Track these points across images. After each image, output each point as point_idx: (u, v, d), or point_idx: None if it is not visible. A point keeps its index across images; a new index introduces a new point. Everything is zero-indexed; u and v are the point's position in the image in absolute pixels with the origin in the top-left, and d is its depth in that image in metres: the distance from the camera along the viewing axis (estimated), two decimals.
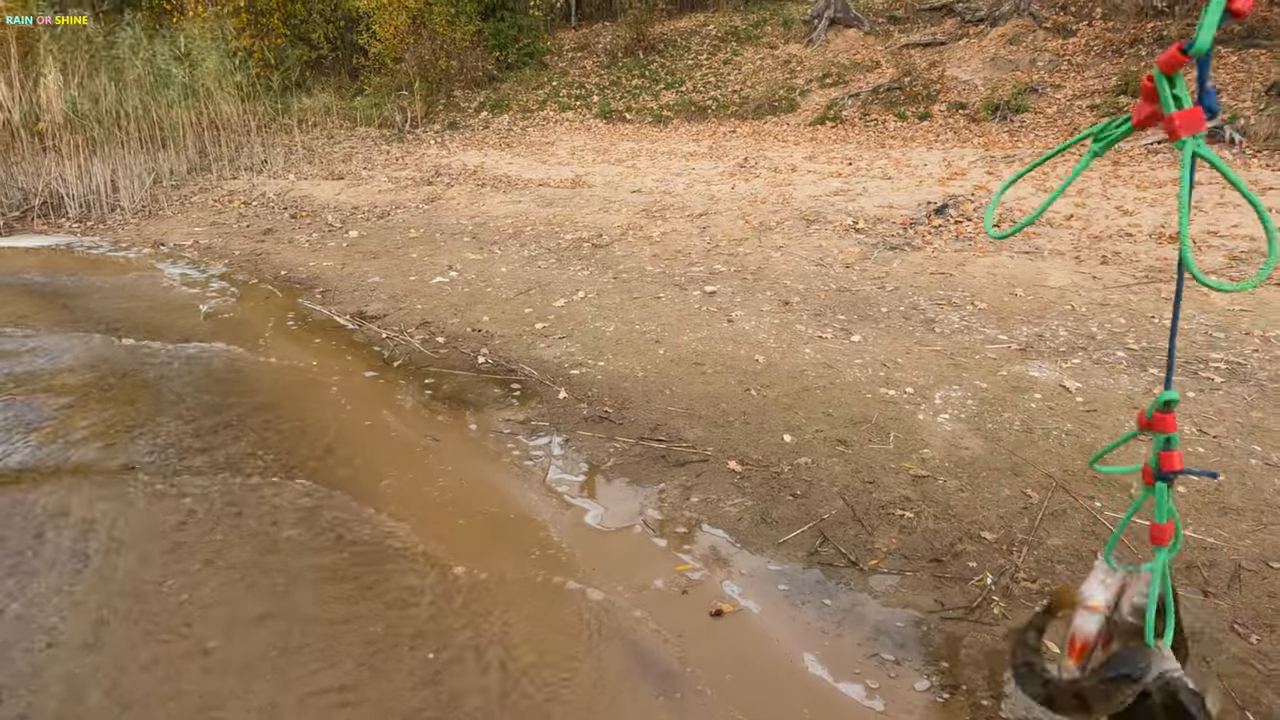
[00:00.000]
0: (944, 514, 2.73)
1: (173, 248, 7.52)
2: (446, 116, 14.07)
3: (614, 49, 15.87)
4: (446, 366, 4.28)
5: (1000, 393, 3.65)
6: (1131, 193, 6.88)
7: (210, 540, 2.63)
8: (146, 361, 4.32)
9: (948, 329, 4.49)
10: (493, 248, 6.76)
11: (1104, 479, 2.91)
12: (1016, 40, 11.46)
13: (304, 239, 7.55)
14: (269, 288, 6.04)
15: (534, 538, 2.66)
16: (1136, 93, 9.17)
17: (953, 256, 5.78)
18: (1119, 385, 3.69)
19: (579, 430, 3.48)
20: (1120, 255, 5.55)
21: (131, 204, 8.99)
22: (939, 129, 10.20)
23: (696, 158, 10.05)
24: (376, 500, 2.91)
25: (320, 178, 10.25)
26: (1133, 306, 4.66)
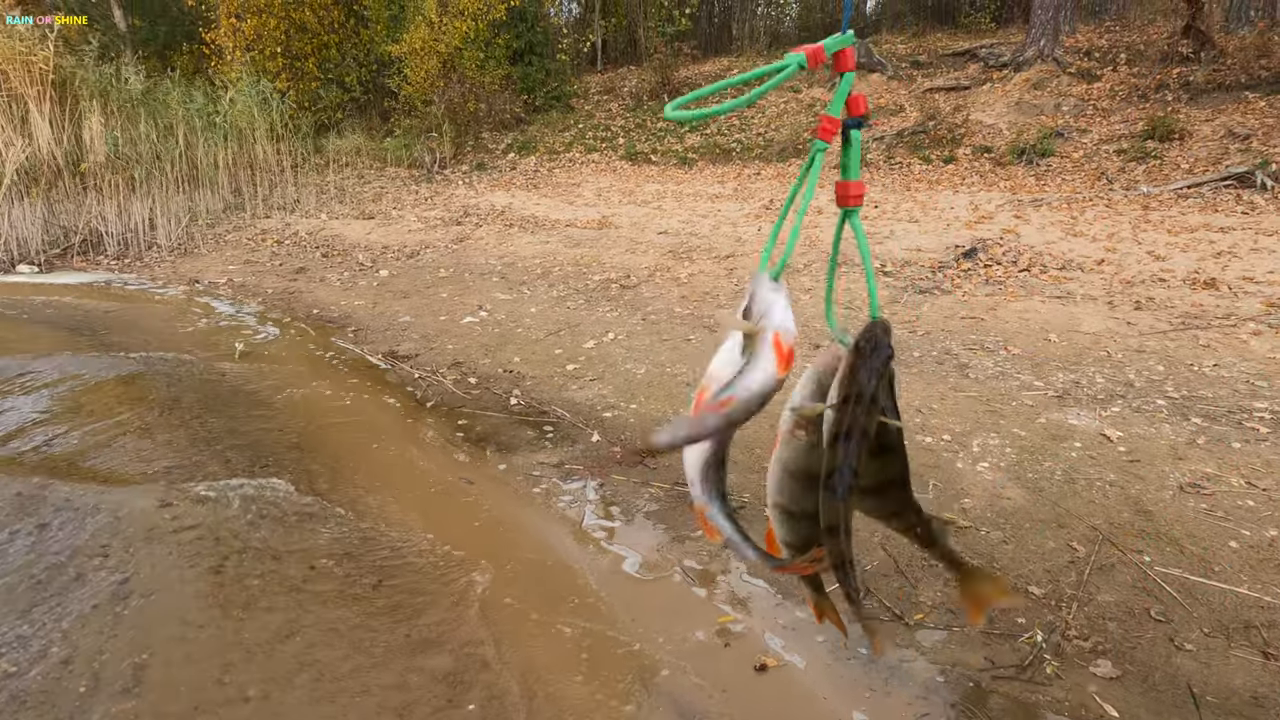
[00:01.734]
0: (989, 567, 2.67)
1: (207, 285, 7.65)
2: (475, 158, 14.32)
3: (639, 92, 16.14)
4: (479, 408, 4.30)
5: (1040, 441, 3.60)
6: (1163, 238, 6.84)
7: (247, 585, 2.63)
8: (181, 399, 4.36)
9: (982, 374, 4.45)
10: (522, 288, 6.82)
11: (1151, 532, 2.84)
12: (1041, 85, 11.53)
13: (335, 278, 7.66)
14: (302, 326, 6.11)
15: (571, 585, 2.63)
16: (1163, 137, 9.19)
17: (983, 300, 5.75)
18: (1161, 434, 3.63)
19: (614, 475, 3.46)
20: (1154, 301, 5.50)
21: (168, 242, 9.19)
22: (964, 172, 10.23)
23: (722, 199, 10.13)
24: (412, 546, 2.90)
25: (351, 217, 10.43)
26: (1170, 353, 4.60)
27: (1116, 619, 2.40)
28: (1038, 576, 2.62)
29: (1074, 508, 3.03)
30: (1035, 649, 2.29)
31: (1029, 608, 2.46)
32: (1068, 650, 2.29)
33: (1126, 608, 2.44)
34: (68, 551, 2.80)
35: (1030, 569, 2.66)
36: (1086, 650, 2.28)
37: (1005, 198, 8.72)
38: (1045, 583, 2.58)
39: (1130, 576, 2.60)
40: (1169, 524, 2.89)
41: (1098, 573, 2.62)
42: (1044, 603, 2.48)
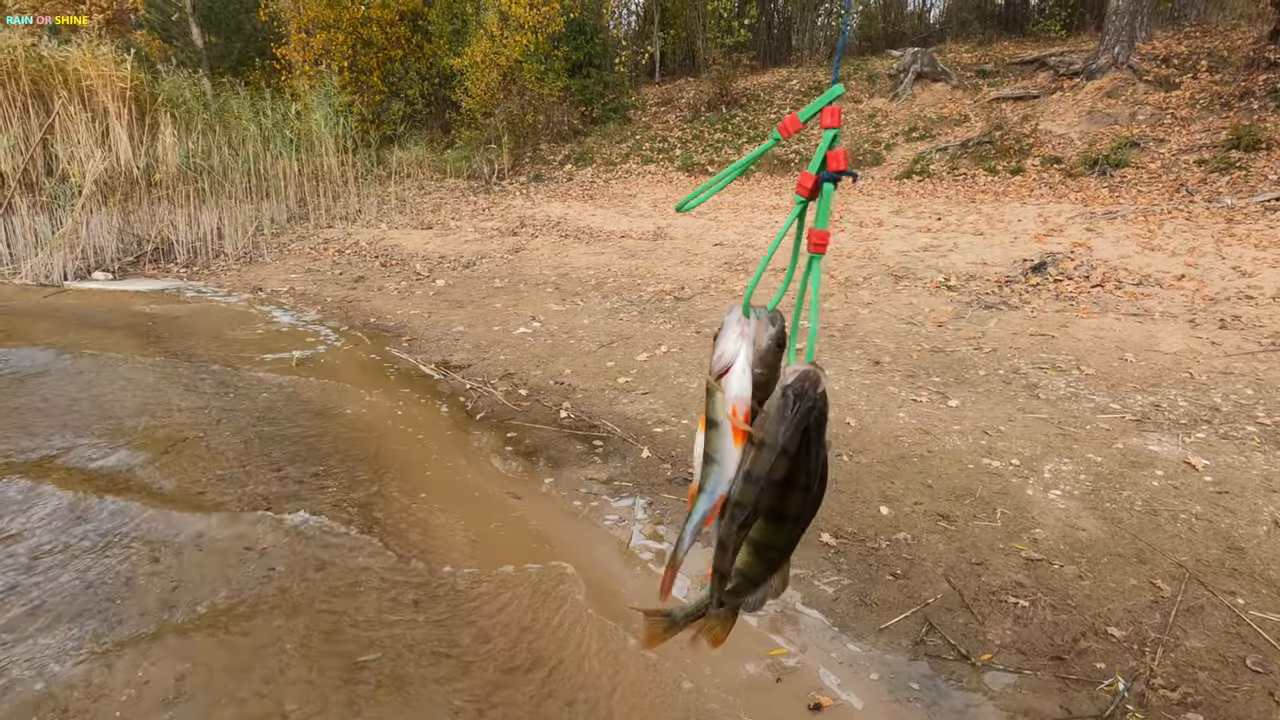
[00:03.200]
0: (1063, 604, 2.49)
1: (270, 293, 7.81)
2: (532, 169, 14.43)
3: (697, 103, 16.07)
4: (529, 420, 4.24)
5: (1117, 468, 3.38)
6: (1250, 252, 6.46)
7: (290, 596, 2.60)
8: (237, 408, 4.42)
9: (1053, 395, 4.23)
10: (575, 299, 6.78)
11: (1244, 572, 2.62)
12: (1115, 94, 11.08)
13: (393, 287, 7.75)
14: (358, 335, 6.17)
15: (618, 610, 2.54)
16: (1249, 147, 8.73)
17: (1054, 317, 5.50)
18: (1252, 464, 3.37)
19: (662, 493, 3.36)
20: (1241, 319, 5.17)
21: (234, 250, 9.44)
22: (1033, 184, 9.87)
23: (779, 211, 9.98)
24: (455, 562, 2.84)
25: (410, 227, 10.57)
26: (1260, 376, 4.31)
27: (1208, 668, 2.20)
28: (1118, 617, 2.43)
29: (1157, 542, 2.82)
30: (1117, 698, 2.11)
31: (1109, 651, 2.28)
32: (1153, 701, 2.10)
33: (1219, 655, 2.24)
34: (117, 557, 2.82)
35: (1109, 608, 2.47)
36: (1174, 702, 2.09)
37: (1076, 210, 8.38)
38: (1126, 624, 2.39)
39: (1222, 620, 2.39)
40: (1264, 563, 2.66)
41: (1185, 615, 2.42)
42: (1125, 646, 2.30)
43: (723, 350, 1.10)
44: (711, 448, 1.08)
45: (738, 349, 1.09)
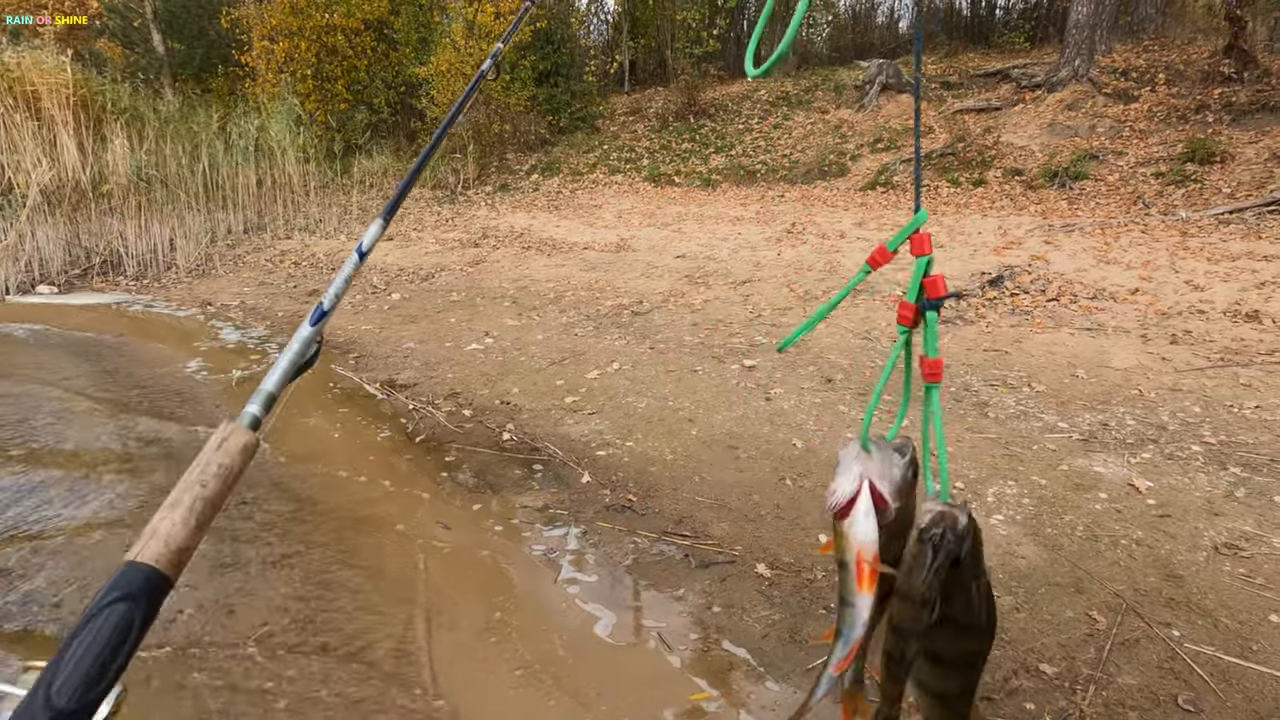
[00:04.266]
0: (997, 640, 2.42)
1: (219, 307, 7.62)
2: (498, 179, 14.31)
3: (665, 113, 16.05)
4: (469, 443, 4.13)
5: (1061, 491, 3.33)
6: (1202, 266, 6.49)
7: (198, 641, 2.47)
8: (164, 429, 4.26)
9: (1003, 414, 4.18)
10: (532, 313, 6.67)
11: (1181, 601, 2.57)
12: (1075, 106, 11.19)
13: (346, 301, 7.59)
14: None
15: (537, 650, 2.43)
16: (1203, 160, 8.82)
17: (1009, 332, 5.48)
18: (1196, 485, 3.34)
19: (598, 521, 3.26)
20: (1192, 334, 5.18)
21: (186, 263, 9.22)
22: (994, 196, 9.92)
23: (743, 222, 9.94)
24: (373, 595, 2.72)
25: None
26: (1208, 393, 4.30)
27: (1139, 707, 2.13)
28: (1051, 652, 2.36)
29: (1096, 570, 2.76)
30: None
31: (1040, 690, 2.21)
32: None
33: (1151, 693, 2.18)
34: None
35: (1044, 642, 2.40)
36: None
37: (1035, 222, 8.41)
38: (1060, 660, 2.32)
39: (1157, 654, 2.33)
40: (1201, 592, 2.61)
41: (1119, 649, 2.36)
42: (1057, 684, 2.23)
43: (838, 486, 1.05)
44: (844, 589, 1.04)
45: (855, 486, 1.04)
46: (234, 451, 0.78)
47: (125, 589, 0.63)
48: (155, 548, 0.67)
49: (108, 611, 0.61)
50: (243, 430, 0.79)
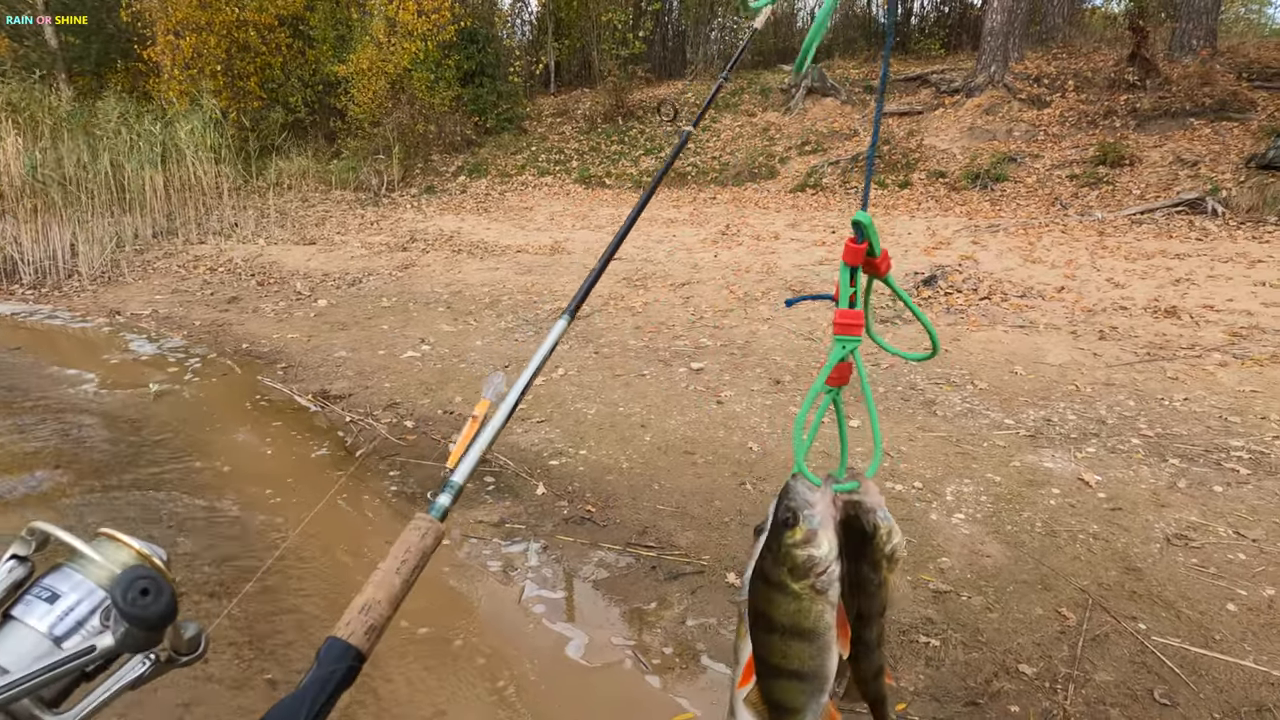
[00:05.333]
0: (974, 641, 2.41)
1: (129, 317, 7.15)
2: (424, 180, 13.94)
3: (593, 115, 15.93)
4: (414, 456, 3.94)
5: (1016, 487, 3.38)
6: (1121, 264, 6.77)
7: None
8: (80, 450, 3.93)
9: (950, 412, 4.24)
10: (468, 318, 6.47)
11: (1143, 594, 2.61)
12: (992, 110, 11.59)
13: (270, 308, 7.23)
14: (228, 363, 5.68)
15: (509, 675, 2.30)
16: (1114, 163, 9.23)
17: (946, 331, 5.58)
18: (1140, 478, 3.43)
19: (558, 534, 3.14)
20: (1118, 330, 5.37)
21: (90, 270, 8.63)
22: (920, 197, 10.17)
23: (677, 224, 9.92)
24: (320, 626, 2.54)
25: (291, 243, 9.97)
26: (1139, 387, 4.45)
27: (1119, 704, 2.14)
28: (1028, 652, 2.36)
29: (1059, 565, 2.79)
30: None
31: (1022, 691, 2.20)
32: None
33: (1128, 689, 2.19)
34: None
35: (1019, 642, 2.40)
36: None
37: (962, 223, 8.65)
38: (1037, 659, 2.33)
39: (1127, 649, 2.35)
40: (1160, 584, 2.67)
41: (1092, 645, 2.38)
42: (1038, 685, 2.22)
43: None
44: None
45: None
46: (430, 541, 0.86)
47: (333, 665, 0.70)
48: (360, 629, 0.74)
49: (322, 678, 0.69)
50: (436, 523, 0.88)
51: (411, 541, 0.84)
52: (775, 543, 0.90)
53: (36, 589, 0.64)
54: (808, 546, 0.87)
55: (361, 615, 0.75)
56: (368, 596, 0.77)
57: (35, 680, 0.59)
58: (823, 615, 0.88)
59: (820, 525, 0.89)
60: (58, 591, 0.63)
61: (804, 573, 0.87)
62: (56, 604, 0.63)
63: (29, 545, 0.67)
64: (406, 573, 0.82)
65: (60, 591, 0.64)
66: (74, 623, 0.63)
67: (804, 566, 0.87)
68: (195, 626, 0.68)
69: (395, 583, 0.80)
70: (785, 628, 0.89)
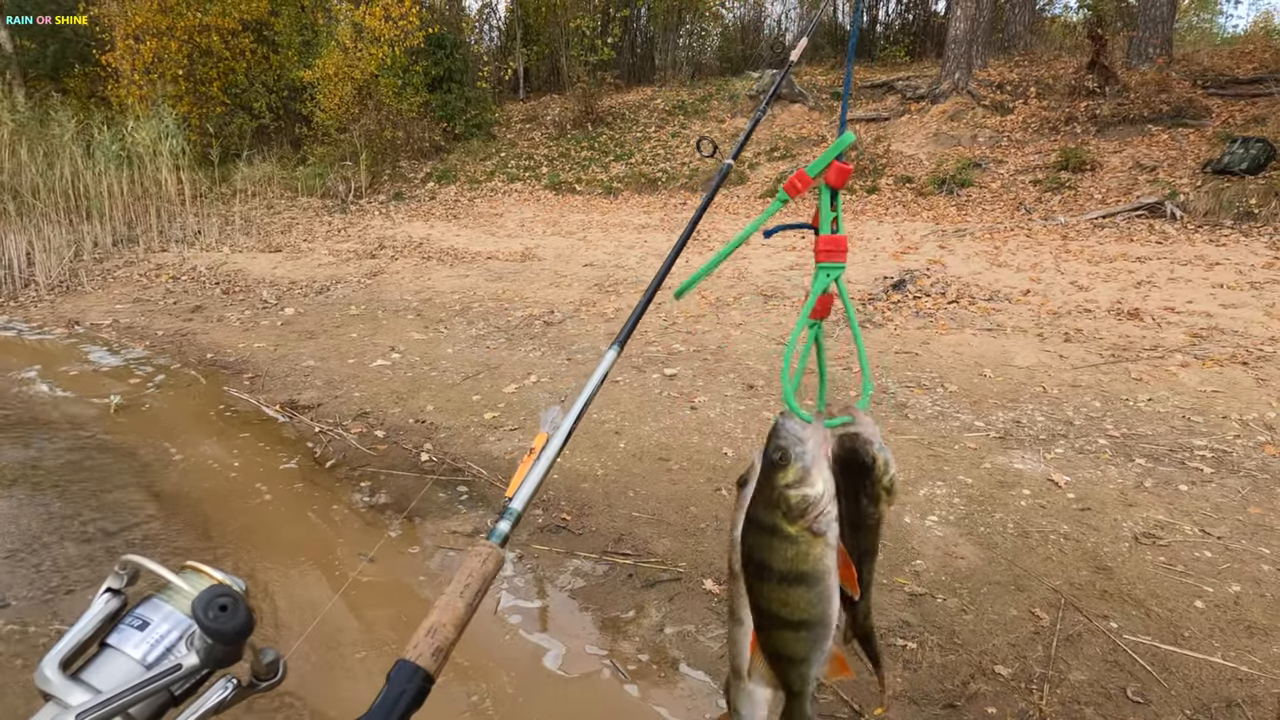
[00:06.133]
0: (950, 643, 2.42)
1: (89, 327, 6.98)
2: (392, 187, 13.81)
3: (563, 121, 15.91)
4: (386, 466, 3.88)
5: (987, 489, 3.41)
6: (1084, 268, 6.90)
7: None
8: (38, 467, 3.82)
9: (921, 415, 4.27)
10: (439, 326, 6.41)
11: (1113, 593, 2.65)
12: (957, 117, 11.76)
13: (235, 317, 7.10)
14: (193, 373, 5.57)
15: (485, 688, 2.26)
16: (1076, 168, 9.41)
17: (916, 334, 5.63)
18: (1108, 478, 3.48)
19: (534, 544, 3.11)
20: (1083, 332, 5.47)
21: (48, 279, 8.42)
22: (888, 202, 10.29)
23: (648, 230, 9.93)
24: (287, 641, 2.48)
25: (256, 250, 9.81)
26: (1105, 388, 4.52)
27: (1093, 703, 2.16)
28: (1003, 653, 2.38)
29: (1031, 566, 2.82)
30: None
31: (999, 693, 2.21)
32: None
33: (1101, 688, 2.22)
34: None
35: (995, 643, 2.42)
36: None
37: (929, 228, 8.76)
38: (1012, 660, 2.34)
39: (1100, 648, 2.38)
40: (1130, 582, 2.71)
41: (1065, 645, 2.40)
42: (1014, 686, 2.24)
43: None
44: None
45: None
46: (491, 566, 0.90)
47: (403, 685, 0.73)
48: (427, 651, 0.77)
49: (393, 699, 0.72)
50: (497, 548, 0.92)
51: (474, 567, 0.88)
52: (767, 485, 0.88)
53: (129, 618, 0.69)
54: (801, 486, 0.86)
55: (428, 638, 0.78)
56: (434, 620, 0.81)
57: (125, 699, 0.62)
58: (822, 558, 0.86)
59: (813, 463, 0.87)
60: (148, 620, 0.68)
61: (799, 514, 0.86)
62: (147, 631, 0.68)
63: (122, 579, 0.72)
64: (470, 596, 0.85)
65: (150, 620, 0.68)
66: (164, 648, 0.67)
67: (799, 508, 0.85)
68: (273, 652, 0.72)
69: (459, 606, 0.83)
70: (784, 574, 0.87)
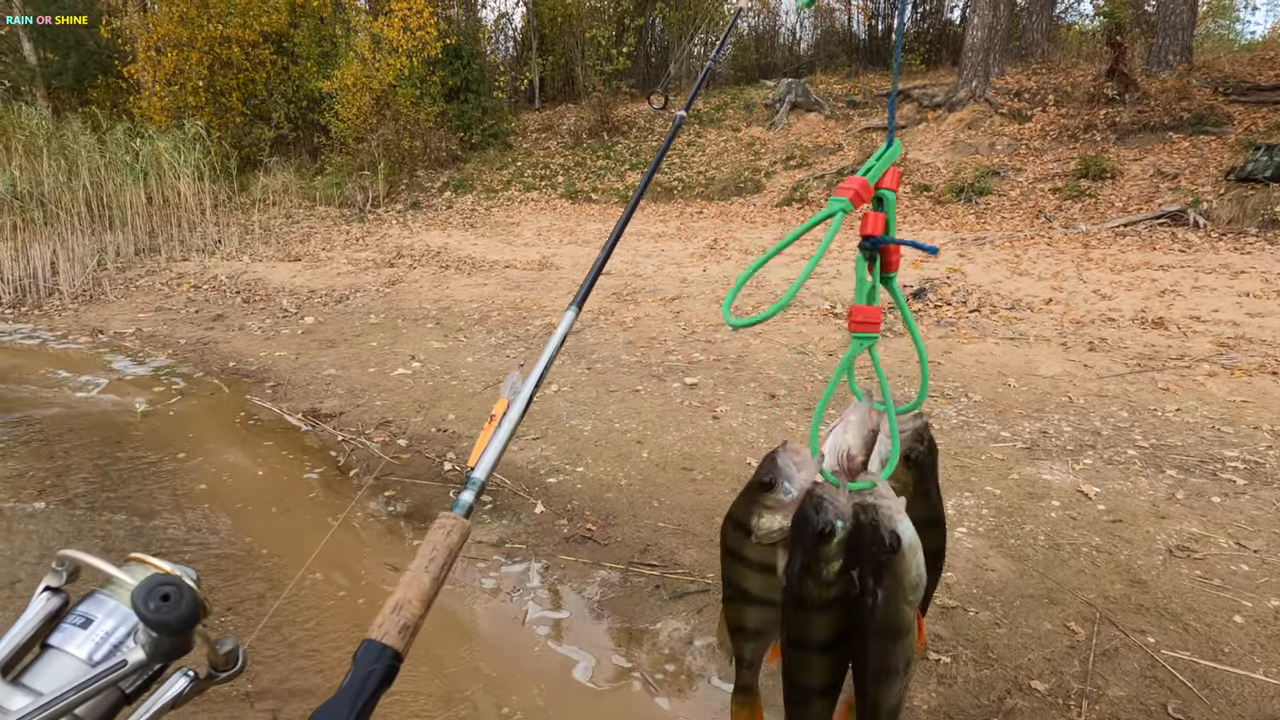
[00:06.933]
0: (984, 658, 2.39)
1: (112, 336, 7.04)
2: (409, 196, 13.89)
3: (578, 130, 15.97)
4: (409, 475, 3.88)
5: (1016, 500, 3.37)
6: (1107, 276, 6.84)
7: None
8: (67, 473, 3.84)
9: (946, 425, 4.23)
10: (458, 335, 6.43)
11: (1149, 607, 2.61)
12: (974, 125, 11.72)
13: (256, 326, 7.14)
14: (215, 381, 5.60)
15: (516, 700, 2.25)
16: (1096, 176, 9.34)
17: (937, 343, 5.60)
18: (1139, 489, 3.44)
19: (559, 554, 3.10)
20: (1107, 341, 5.41)
21: (71, 288, 8.51)
22: (906, 210, 10.25)
23: (665, 239, 9.93)
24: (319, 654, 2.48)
25: (276, 259, 9.88)
26: (1132, 398, 4.47)
27: (1134, 719, 2.13)
28: (1039, 668, 2.34)
29: (1064, 579, 2.78)
30: None
31: (1037, 709, 2.18)
32: None
33: (1141, 704, 2.18)
34: None
35: (1030, 658, 2.39)
36: None
37: (948, 236, 8.71)
38: (1049, 675, 2.31)
39: (1138, 663, 2.34)
40: (1166, 596, 2.66)
41: (1102, 660, 2.36)
42: (1051, 702, 2.20)
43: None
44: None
45: None
46: (456, 538, 0.86)
47: (370, 665, 0.70)
48: (393, 629, 0.74)
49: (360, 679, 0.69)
50: (461, 520, 0.88)
51: (438, 540, 0.85)
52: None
53: (71, 616, 0.65)
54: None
55: (394, 615, 0.75)
56: (399, 596, 0.78)
57: (67, 700, 0.59)
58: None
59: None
60: (91, 617, 0.65)
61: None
62: (91, 628, 0.64)
63: (60, 576, 0.68)
64: (436, 570, 0.82)
65: (94, 617, 0.64)
66: (111, 645, 0.63)
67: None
68: (231, 642, 0.69)
69: (425, 580, 0.80)
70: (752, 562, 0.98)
